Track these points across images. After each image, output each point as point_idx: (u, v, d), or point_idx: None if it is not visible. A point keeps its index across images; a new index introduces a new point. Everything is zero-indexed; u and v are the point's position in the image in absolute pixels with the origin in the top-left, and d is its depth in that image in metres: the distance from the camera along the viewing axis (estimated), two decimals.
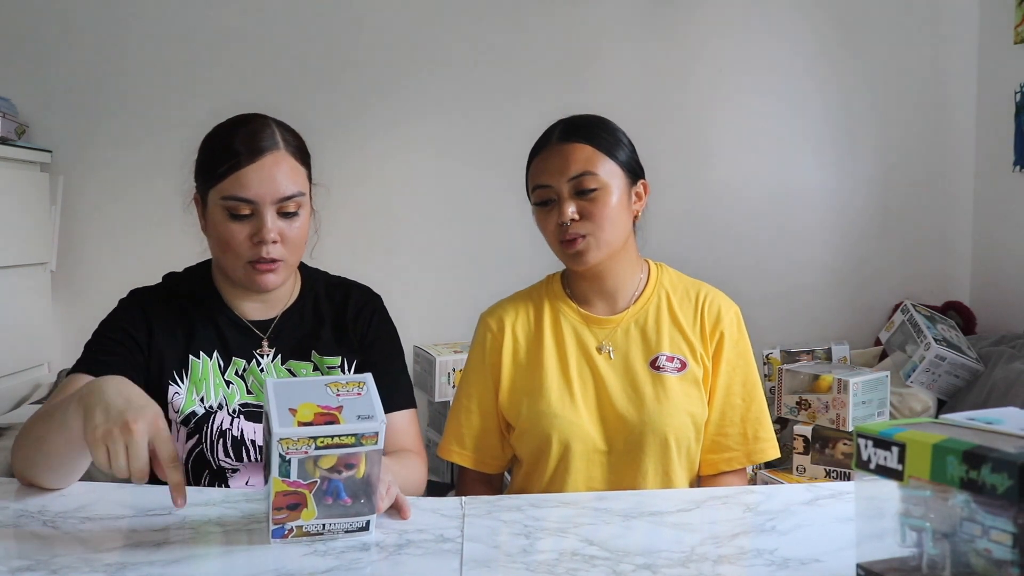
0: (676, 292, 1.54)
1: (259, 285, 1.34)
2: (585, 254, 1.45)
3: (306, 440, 0.96)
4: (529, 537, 1.06)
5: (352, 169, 2.78)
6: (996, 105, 2.83)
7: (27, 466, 1.19)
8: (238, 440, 1.34)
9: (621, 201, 1.46)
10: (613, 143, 1.47)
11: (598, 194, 1.44)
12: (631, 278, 1.53)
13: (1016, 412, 0.90)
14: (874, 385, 2.09)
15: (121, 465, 1.01)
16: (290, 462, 0.97)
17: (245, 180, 1.30)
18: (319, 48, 2.80)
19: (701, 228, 2.90)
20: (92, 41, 2.73)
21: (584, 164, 1.44)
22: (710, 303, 1.53)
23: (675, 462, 1.47)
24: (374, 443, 0.99)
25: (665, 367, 1.48)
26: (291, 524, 1.01)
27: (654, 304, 1.52)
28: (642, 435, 1.45)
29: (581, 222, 1.44)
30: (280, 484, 0.98)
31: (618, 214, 1.45)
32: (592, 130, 1.47)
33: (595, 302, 1.53)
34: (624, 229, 1.48)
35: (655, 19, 2.87)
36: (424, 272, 2.86)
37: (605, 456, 1.47)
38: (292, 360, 1.41)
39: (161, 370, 1.35)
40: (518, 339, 1.54)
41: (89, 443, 1.02)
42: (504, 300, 1.60)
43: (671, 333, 1.50)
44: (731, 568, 0.97)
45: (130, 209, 2.75)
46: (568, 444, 1.46)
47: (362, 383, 1.05)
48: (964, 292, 2.98)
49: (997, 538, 0.74)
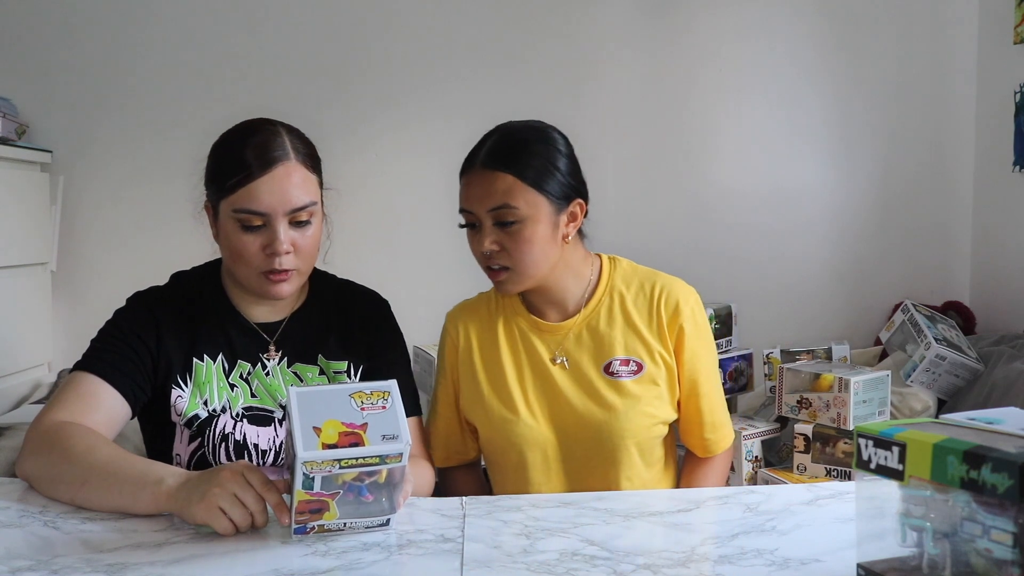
0: (630, 288, 1.50)
1: (272, 295, 1.34)
2: (506, 284, 1.43)
3: (330, 462, 0.98)
4: (529, 537, 1.06)
5: (357, 171, 2.78)
6: (996, 105, 2.83)
7: (50, 487, 1.18)
8: (240, 444, 1.34)
9: (544, 232, 1.40)
10: (539, 170, 1.39)
11: (517, 228, 1.38)
12: (575, 284, 1.49)
13: (1016, 412, 0.90)
14: (875, 384, 2.09)
15: (239, 516, 1.03)
16: (314, 479, 0.99)
17: (256, 193, 1.28)
18: (325, 51, 2.79)
19: (701, 228, 2.90)
20: (93, 41, 2.73)
21: (503, 196, 1.37)
22: (666, 297, 1.48)
23: (639, 466, 1.46)
24: (398, 462, 1.00)
25: (619, 372, 1.45)
26: (313, 523, 1.02)
27: (605, 306, 1.49)
28: (600, 442, 1.44)
29: (501, 253, 1.40)
30: (303, 495, 0.99)
31: (540, 246, 1.40)
32: (517, 156, 1.39)
33: (545, 310, 1.50)
34: (549, 257, 1.42)
35: (656, 24, 2.88)
36: (425, 273, 2.86)
37: (564, 464, 1.46)
38: (298, 363, 1.40)
39: (167, 373, 1.34)
40: (472, 345, 1.52)
41: (205, 518, 1.04)
42: (468, 301, 1.59)
43: (625, 335, 1.47)
44: (731, 568, 0.97)
45: (131, 209, 2.75)
46: (523, 453, 1.46)
47: (387, 393, 1.05)
48: (964, 292, 2.97)
49: (997, 538, 0.75)
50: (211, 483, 1.05)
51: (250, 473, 1.06)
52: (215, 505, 1.03)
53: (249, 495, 1.04)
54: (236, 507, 1.03)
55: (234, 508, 1.03)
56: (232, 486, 1.04)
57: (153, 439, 1.38)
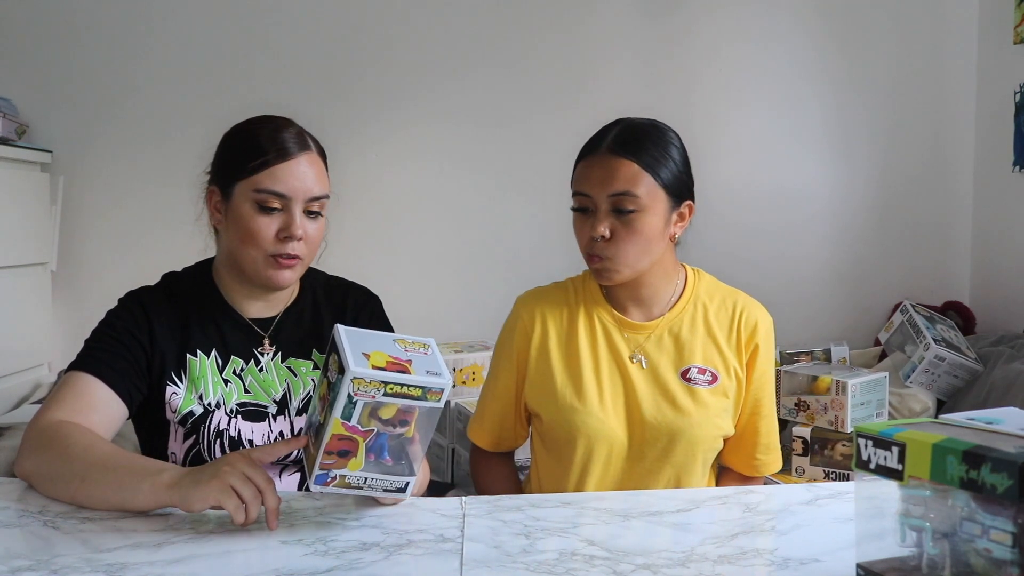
0: (713, 301, 1.51)
1: (276, 280, 1.35)
2: (608, 273, 1.43)
3: (377, 384, 0.98)
4: (529, 537, 1.07)
5: (357, 173, 2.79)
6: (996, 105, 2.83)
7: (49, 485, 1.18)
8: (235, 440, 1.34)
9: (657, 225, 1.41)
10: (663, 162, 1.40)
11: (635, 216, 1.38)
12: (665, 287, 1.50)
13: (1016, 412, 0.90)
14: (872, 386, 2.09)
15: (250, 493, 1.04)
16: (356, 404, 0.98)
17: (281, 175, 1.32)
18: (326, 52, 2.80)
19: (701, 229, 2.88)
20: (93, 41, 2.73)
21: (627, 183, 1.38)
22: (747, 315, 1.50)
23: (698, 473, 1.47)
24: (437, 400, 1.01)
25: (696, 379, 1.46)
26: (336, 472, 1.03)
27: (689, 313, 1.49)
28: (670, 445, 1.43)
29: (612, 242, 1.40)
30: (339, 426, 0.99)
31: (651, 239, 1.41)
32: (644, 145, 1.41)
33: (630, 307, 1.50)
34: (654, 252, 1.43)
35: (656, 25, 2.88)
36: (426, 273, 2.87)
37: (628, 463, 1.46)
38: (292, 358, 1.41)
39: (161, 370, 1.34)
40: (549, 332, 1.50)
41: (216, 497, 1.04)
42: (542, 288, 1.56)
43: (704, 344, 1.48)
44: (731, 568, 0.97)
45: (131, 209, 2.75)
46: (593, 446, 1.44)
47: (427, 345, 1.07)
48: (964, 292, 2.98)
49: (997, 538, 0.75)
50: (220, 463, 1.07)
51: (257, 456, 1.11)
52: (227, 484, 1.04)
53: (259, 474, 1.06)
54: (247, 485, 1.05)
55: (245, 486, 1.05)
56: (242, 466, 1.06)
57: (148, 438, 1.39)
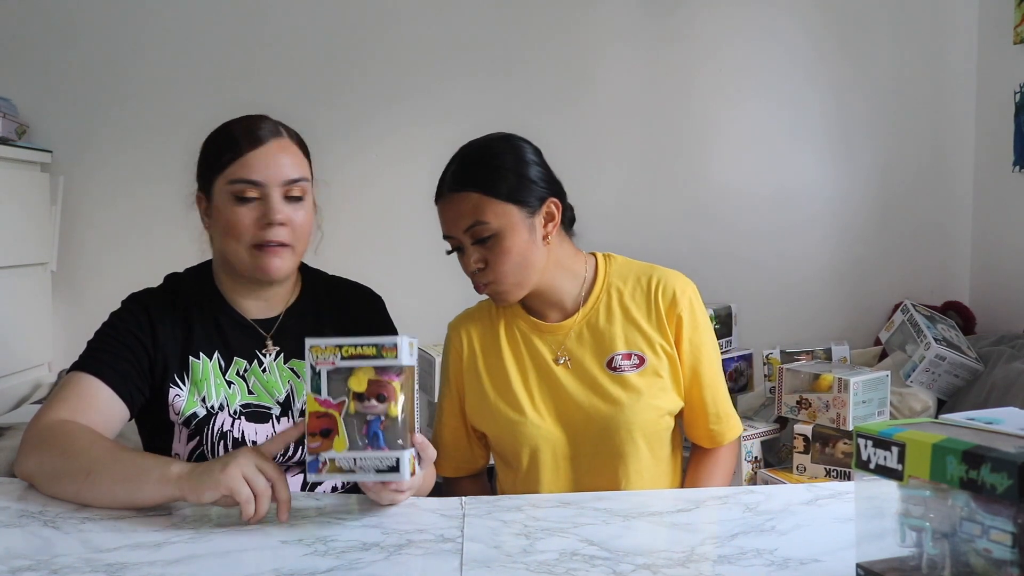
0: (627, 283, 1.50)
1: (265, 270, 1.34)
2: (499, 296, 1.45)
3: (333, 348, 1.06)
4: (529, 537, 1.07)
5: (356, 171, 2.79)
6: (996, 105, 2.83)
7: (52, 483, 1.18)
8: (239, 441, 1.34)
9: (521, 238, 1.40)
10: (497, 179, 1.40)
11: (495, 240, 1.39)
12: (571, 284, 1.50)
13: (1016, 412, 0.90)
14: (874, 384, 2.09)
15: (262, 484, 1.07)
16: (320, 374, 1.06)
17: (252, 163, 1.32)
18: (325, 52, 2.79)
19: (701, 229, 2.90)
20: (92, 41, 2.73)
21: (473, 214, 1.39)
22: (663, 288, 1.49)
23: (648, 460, 1.47)
24: (394, 356, 1.06)
25: (622, 366, 1.46)
26: (324, 456, 1.06)
27: (603, 302, 1.50)
28: (607, 437, 1.44)
29: (488, 269, 1.41)
30: (313, 403, 1.06)
31: (523, 252, 1.41)
32: (474, 172, 1.41)
33: (545, 311, 1.51)
34: (535, 262, 1.43)
35: (656, 24, 2.88)
36: (425, 273, 2.85)
37: (573, 461, 1.47)
38: (295, 359, 1.41)
39: (164, 372, 1.34)
40: (476, 351, 1.52)
41: (228, 485, 1.06)
42: (469, 309, 1.59)
43: (625, 329, 1.48)
44: (731, 568, 0.97)
45: (131, 209, 2.75)
46: (537, 452, 1.46)
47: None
48: (964, 292, 2.97)
49: (997, 538, 0.75)
50: (231, 456, 1.09)
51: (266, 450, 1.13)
52: (238, 474, 1.06)
53: (271, 467, 1.09)
54: (258, 476, 1.07)
55: (257, 476, 1.07)
56: (254, 458, 1.09)
57: (151, 439, 1.38)
